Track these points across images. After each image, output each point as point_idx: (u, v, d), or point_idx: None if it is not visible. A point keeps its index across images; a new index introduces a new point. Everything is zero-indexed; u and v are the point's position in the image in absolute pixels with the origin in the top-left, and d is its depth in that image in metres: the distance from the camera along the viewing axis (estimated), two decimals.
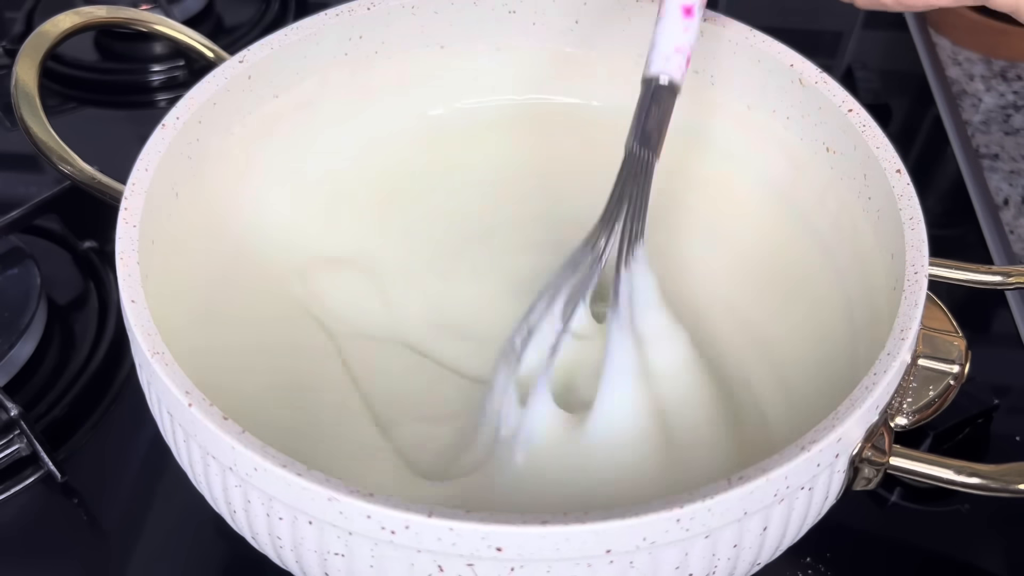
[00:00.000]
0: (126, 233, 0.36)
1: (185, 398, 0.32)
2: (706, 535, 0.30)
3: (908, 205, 0.38)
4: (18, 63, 0.43)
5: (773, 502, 0.31)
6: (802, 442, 0.31)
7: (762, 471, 0.30)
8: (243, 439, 0.31)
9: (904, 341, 0.33)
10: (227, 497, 0.33)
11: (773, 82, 0.44)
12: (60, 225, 0.50)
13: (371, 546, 0.30)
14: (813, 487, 0.32)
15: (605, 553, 0.29)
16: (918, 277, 0.35)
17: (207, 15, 0.64)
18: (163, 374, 0.32)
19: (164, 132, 0.40)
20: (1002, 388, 0.46)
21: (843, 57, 0.66)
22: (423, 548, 0.29)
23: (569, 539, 0.29)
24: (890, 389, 0.34)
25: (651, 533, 0.29)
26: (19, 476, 0.42)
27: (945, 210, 0.55)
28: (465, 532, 0.29)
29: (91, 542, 0.41)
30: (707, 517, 0.30)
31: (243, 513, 0.33)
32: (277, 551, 0.33)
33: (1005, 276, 0.38)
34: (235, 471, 0.31)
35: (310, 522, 0.31)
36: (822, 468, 0.32)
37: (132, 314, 0.34)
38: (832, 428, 0.31)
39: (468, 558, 0.29)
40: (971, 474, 0.34)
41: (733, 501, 0.30)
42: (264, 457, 0.30)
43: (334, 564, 0.31)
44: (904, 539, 0.42)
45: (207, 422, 0.31)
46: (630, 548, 0.29)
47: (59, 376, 0.45)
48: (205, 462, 0.33)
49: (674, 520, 0.29)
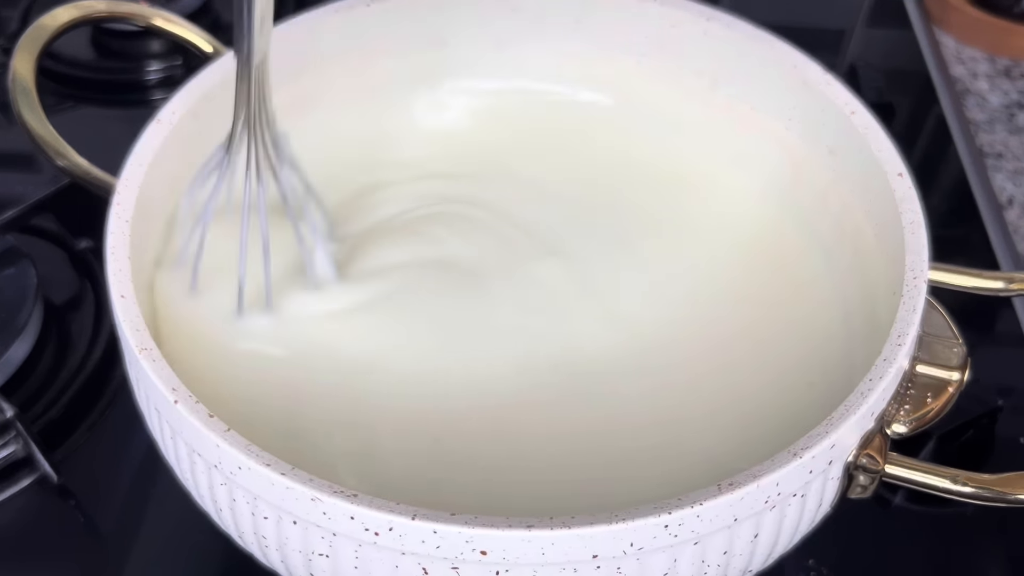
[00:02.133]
0: (118, 228, 0.36)
1: (171, 395, 0.31)
2: (695, 541, 0.30)
3: (909, 209, 0.37)
4: (15, 57, 0.43)
5: (764, 509, 0.30)
6: (794, 448, 0.30)
7: (753, 477, 0.30)
8: (228, 437, 0.30)
9: (901, 347, 0.33)
10: (213, 495, 0.32)
11: (777, 83, 0.44)
12: (56, 225, 0.50)
13: (355, 547, 0.30)
14: (806, 494, 0.32)
15: (592, 558, 0.29)
16: (917, 282, 0.35)
17: (205, 12, 0.64)
18: (150, 371, 0.32)
19: (159, 127, 0.40)
20: (1006, 389, 0.45)
21: (845, 55, 0.65)
22: (407, 550, 0.29)
23: (555, 543, 0.28)
24: (886, 396, 0.33)
25: (638, 539, 0.29)
26: (14, 478, 0.42)
27: (949, 209, 0.55)
28: (449, 535, 0.28)
29: (87, 544, 0.41)
30: (696, 523, 0.29)
31: (229, 512, 0.32)
32: (263, 550, 0.33)
33: (1007, 282, 0.37)
34: (220, 469, 0.31)
35: (294, 522, 0.30)
36: (815, 475, 0.31)
37: (121, 310, 0.34)
38: (825, 434, 0.31)
39: (453, 561, 0.29)
40: (968, 483, 0.34)
41: (723, 507, 0.29)
42: (248, 456, 0.30)
43: (319, 565, 0.31)
44: (908, 542, 0.41)
45: (192, 420, 0.31)
46: (617, 554, 0.29)
47: (55, 377, 0.45)
48: (191, 459, 0.32)
49: (662, 526, 0.29)
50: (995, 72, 0.65)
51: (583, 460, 0.36)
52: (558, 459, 0.36)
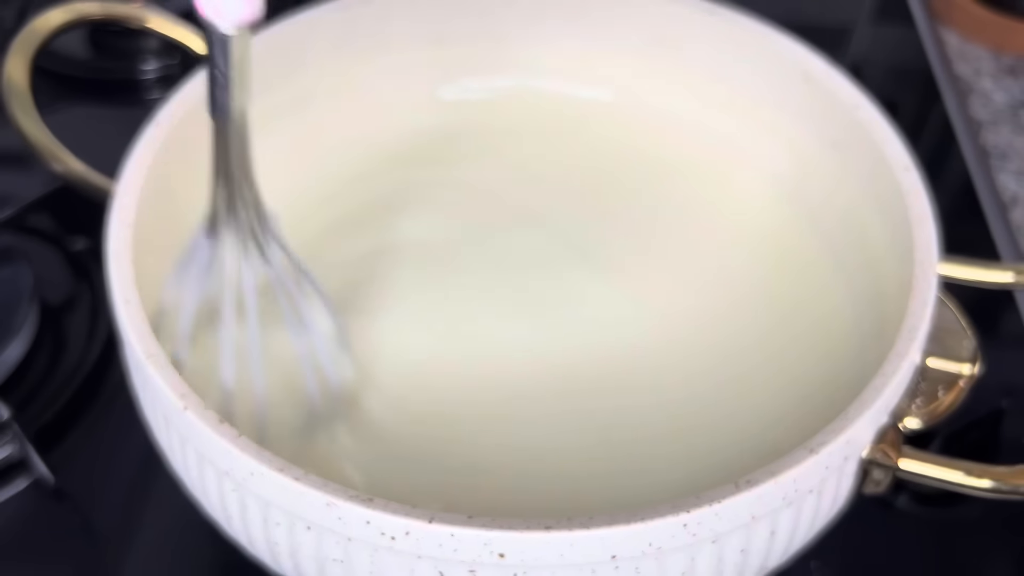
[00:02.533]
0: (119, 232, 0.36)
1: (180, 402, 0.31)
2: (713, 540, 0.30)
3: (917, 203, 0.37)
4: (8, 60, 0.42)
5: (781, 506, 0.30)
6: (810, 444, 0.30)
7: (770, 474, 0.29)
8: (239, 443, 0.30)
9: (913, 341, 0.33)
10: (223, 502, 0.32)
11: (781, 77, 0.44)
12: (53, 225, 0.50)
13: (370, 552, 0.29)
14: (822, 490, 0.32)
15: (611, 559, 0.29)
16: (927, 276, 0.35)
17: None
18: (158, 377, 0.32)
19: (158, 129, 0.39)
20: (1013, 388, 0.45)
21: (848, 53, 0.65)
22: (423, 554, 0.29)
23: (573, 545, 0.28)
24: (899, 390, 0.33)
25: (657, 538, 0.29)
26: (10, 480, 0.41)
27: (953, 208, 0.55)
28: (466, 538, 0.28)
29: (83, 546, 0.40)
30: (715, 522, 0.29)
31: (240, 519, 0.32)
32: (275, 557, 0.32)
33: (1017, 274, 0.37)
34: (231, 475, 0.31)
35: (308, 528, 0.30)
36: (831, 471, 0.31)
37: (126, 315, 0.33)
38: (841, 430, 0.31)
39: (470, 564, 0.29)
40: (983, 475, 0.33)
41: (740, 505, 0.29)
42: (260, 461, 0.29)
43: (332, 571, 0.31)
44: (912, 542, 0.41)
45: (203, 426, 0.30)
46: (636, 554, 0.29)
47: (51, 378, 0.45)
48: (201, 467, 0.32)
49: (681, 525, 0.29)
50: (999, 70, 0.65)
51: (599, 464, 0.36)
52: (573, 462, 0.36)
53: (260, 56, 0.42)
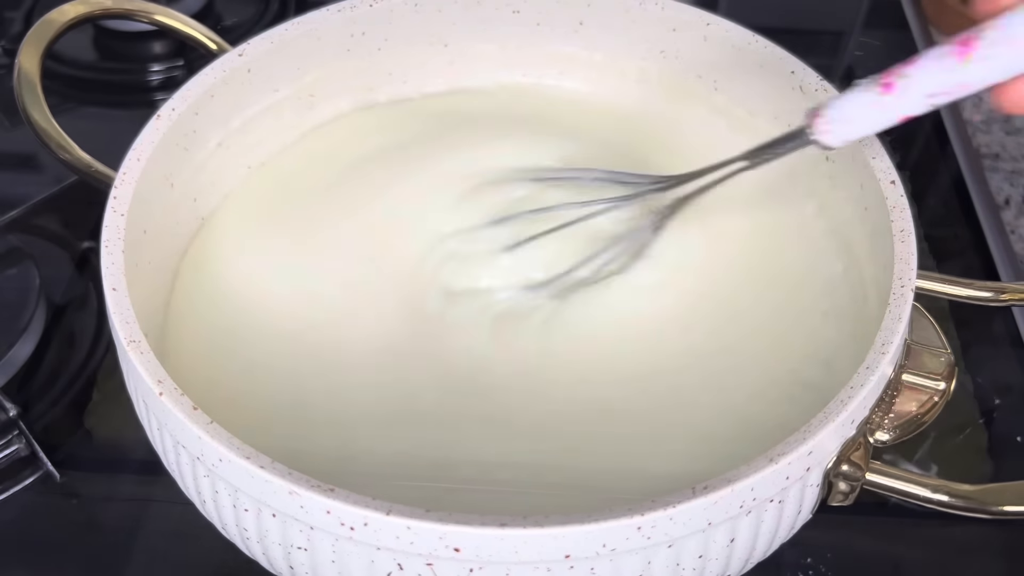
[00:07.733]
0: (113, 221, 0.37)
1: (157, 387, 0.32)
2: (669, 544, 0.30)
3: (900, 217, 0.37)
4: (21, 52, 0.44)
5: (740, 513, 0.30)
6: (770, 454, 0.30)
7: (727, 481, 0.30)
8: (210, 429, 0.31)
9: (884, 355, 0.33)
10: (197, 486, 0.33)
11: (774, 88, 0.44)
12: (59, 225, 0.50)
13: (332, 541, 0.30)
14: (784, 500, 0.32)
15: (564, 558, 0.29)
16: (904, 291, 0.35)
17: (207, 13, 0.64)
18: (137, 363, 0.33)
19: (159, 122, 0.40)
20: (1003, 388, 0.45)
21: (844, 57, 0.65)
22: (382, 545, 0.29)
23: (527, 542, 0.29)
24: (868, 403, 0.33)
25: (611, 540, 0.29)
26: (17, 476, 0.42)
27: (946, 210, 0.54)
28: (423, 531, 0.29)
29: (89, 542, 0.41)
30: (669, 526, 0.29)
31: (212, 503, 0.33)
32: (244, 542, 0.33)
33: (997, 292, 0.37)
34: (203, 461, 0.31)
35: (274, 515, 0.31)
36: (792, 481, 0.31)
37: (112, 302, 0.34)
38: (803, 441, 0.31)
39: (427, 557, 0.29)
40: (948, 493, 0.33)
41: (696, 510, 0.29)
42: (229, 448, 0.30)
43: (297, 558, 0.31)
44: (906, 541, 0.41)
45: (177, 412, 0.31)
46: (590, 554, 0.29)
47: (58, 377, 0.45)
48: (176, 451, 0.33)
49: (635, 528, 0.29)
50: None
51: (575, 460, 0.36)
52: (547, 458, 0.36)
53: (266, 55, 0.43)
